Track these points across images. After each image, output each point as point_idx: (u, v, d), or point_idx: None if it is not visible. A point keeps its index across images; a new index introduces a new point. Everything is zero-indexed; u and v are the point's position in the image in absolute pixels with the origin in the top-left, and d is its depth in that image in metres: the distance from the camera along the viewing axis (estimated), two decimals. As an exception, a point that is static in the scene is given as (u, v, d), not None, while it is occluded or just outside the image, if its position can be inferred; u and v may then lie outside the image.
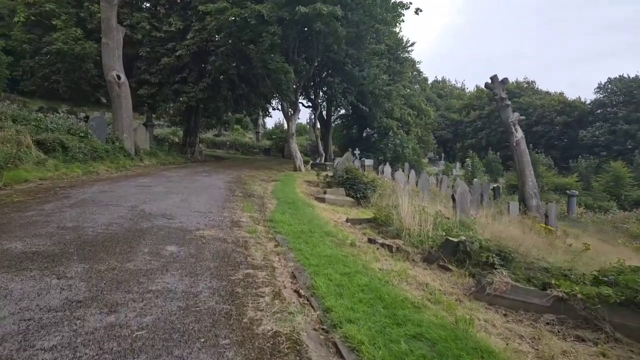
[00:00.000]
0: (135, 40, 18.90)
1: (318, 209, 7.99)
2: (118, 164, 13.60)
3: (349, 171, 10.20)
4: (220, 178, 12.36)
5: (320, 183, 14.85)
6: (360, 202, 9.72)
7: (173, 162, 18.18)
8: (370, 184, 10.00)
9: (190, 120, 22.53)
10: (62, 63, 18.69)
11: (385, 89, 27.62)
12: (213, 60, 18.26)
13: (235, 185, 10.92)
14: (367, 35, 24.22)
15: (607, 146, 48.85)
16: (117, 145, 14.55)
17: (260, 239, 5.02)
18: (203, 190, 8.95)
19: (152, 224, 5.09)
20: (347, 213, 8.23)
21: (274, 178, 15.29)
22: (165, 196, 7.49)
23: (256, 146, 37.43)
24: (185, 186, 9.29)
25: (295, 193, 10.46)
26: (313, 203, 8.81)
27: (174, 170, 13.87)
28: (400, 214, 5.37)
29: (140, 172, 12.36)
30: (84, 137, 13.12)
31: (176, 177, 11.45)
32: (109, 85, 15.37)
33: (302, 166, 20.35)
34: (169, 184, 9.48)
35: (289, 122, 20.51)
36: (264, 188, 11.56)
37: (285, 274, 3.73)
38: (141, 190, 8.00)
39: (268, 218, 6.39)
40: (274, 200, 8.70)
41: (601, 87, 55.97)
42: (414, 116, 34.81)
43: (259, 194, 9.86)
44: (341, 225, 6.64)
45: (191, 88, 19.20)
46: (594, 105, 55.22)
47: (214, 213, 6.33)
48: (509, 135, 17.61)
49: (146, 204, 6.48)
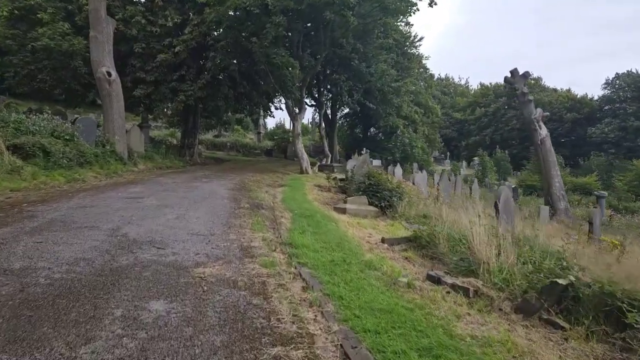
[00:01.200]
0: (129, 36, 17.57)
1: (341, 224, 6.66)
2: (108, 169, 12.28)
3: (372, 176, 8.87)
4: (222, 184, 11.03)
5: (332, 188, 13.53)
6: (385, 211, 8.40)
7: (170, 166, 16.84)
8: (396, 191, 8.67)
9: (188, 121, 21.19)
10: (48, 60, 17.35)
11: (393, 85, 26.31)
12: (213, 56, 16.92)
13: (239, 193, 9.59)
14: (374, 29, 22.95)
15: (617, 143, 47.57)
16: (107, 149, 13.23)
17: (281, 276, 3.69)
18: (203, 201, 7.62)
19: (134, 259, 3.75)
20: (376, 227, 6.91)
21: (280, 182, 13.97)
22: (158, 211, 6.15)
23: (258, 147, 36.10)
24: (183, 196, 7.96)
25: (308, 202, 9.13)
26: (333, 215, 7.47)
27: (170, 176, 12.54)
28: (471, 240, 4.03)
29: (133, 179, 11.03)
30: (70, 140, 11.80)
31: (172, 184, 10.11)
32: (98, 82, 14.04)
33: (309, 168, 19.02)
34: (163, 193, 8.14)
35: (294, 121, 19.18)
36: (272, 195, 10.23)
37: (333, 353, 2.39)
38: (129, 203, 6.67)
39: (286, 240, 5.06)
40: (287, 212, 7.37)
41: (609, 83, 54.72)
42: (421, 114, 33.51)
43: (268, 203, 8.53)
44: (377, 248, 5.31)
45: (189, 86, 17.87)
46: (602, 101, 53.96)
47: (218, 235, 5.00)
48: (532, 133, 16.31)
49: (132, 224, 5.15)
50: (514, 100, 55.97)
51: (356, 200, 8.25)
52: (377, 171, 9.43)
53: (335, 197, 11.65)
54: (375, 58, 24.53)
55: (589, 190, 23.73)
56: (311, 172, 18.98)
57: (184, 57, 17.65)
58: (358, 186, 8.96)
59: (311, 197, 10.40)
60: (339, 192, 13.10)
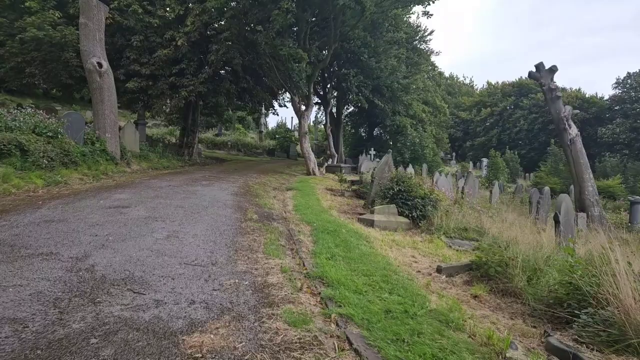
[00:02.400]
0: (125, 27, 16.27)
1: (375, 243, 5.34)
2: (97, 170, 10.99)
3: (401, 181, 7.54)
4: (224, 188, 9.71)
5: (345, 192, 12.23)
6: (418, 223, 7.09)
7: (167, 167, 15.53)
8: (429, 198, 7.36)
9: (187, 118, 19.86)
10: (37, 52, 16.04)
11: (403, 82, 24.98)
12: (216, 48, 15.56)
13: (244, 199, 8.27)
14: (384, 22, 21.65)
15: (629, 144, 46.17)
16: (97, 148, 11.92)
17: (320, 345, 2.38)
18: (203, 211, 6.30)
19: (94, 318, 2.44)
20: (416, 246, 5.59)
21: (288, 185, 12.67)
22: (144, 227, 4.84)
23: (259, 146, 34.77)
24: (178, 204, 6.64)
25: (325, 210, 7.81)
26: (360, 229, 6.15)
27: (166, 178, 11.23)
28: (610, 285, 2.67)
29: (123, 182, 9.71)
30: (53, 137, 10.50)
31: (167, 188, 8.80)
32: (87, 74, 12.71)
33: (317, 169, 17.71)
34: (155, 201, 6.82)
35: (300, 119, 17.85)
36: (282, 202, 8.92)
37: None
38: (110, 215, 5.36)
39: (313, 271, 3.74)
40: (303, 225, 6.06)
41: (619, 82, 53.28)
42: (429, 113, 32.17)
43: (279, 212, 7.22)
44: (435, 281, 3.99)
45: (189, 81, 16.54)
46: (613, 101, 52.53)
47: (221, 265, 3.69)
48: (561, 133, 15.00)
49: (106, 248, 3.84)
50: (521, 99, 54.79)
51: (384, 210, 6.94)
52: (407, 175, 8.10)
53: (352, 203, 10.35)
54: (385, 53, 23.21)
55: (612, 194, 22.38)
56: (318, 174, 17.69)
57: (185, 50, 16.33)
58: (384, 193, 7.64)
59: (326, 204, 9.09)
60: (354, 197, 11.80)
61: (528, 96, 53.59)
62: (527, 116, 51.26)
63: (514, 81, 59.52)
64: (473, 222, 7.57)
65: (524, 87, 56.75)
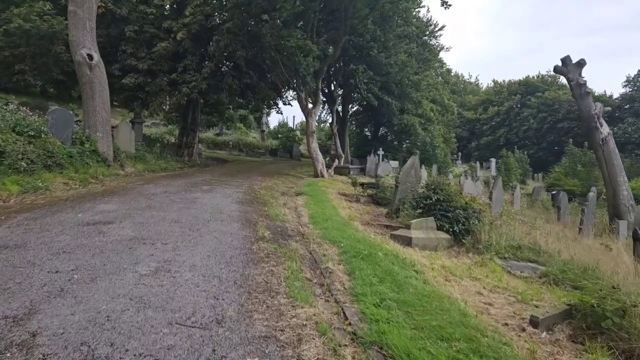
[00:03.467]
0: (119, 16, 15.11)
1: (426, 272, 4.17)
2: (86, 173, 9.83)
3: (439, 188, 6.36)
4: (227, 194, 8.55)
5: (361, 197, 11.06)
6: (461, 238, 5.92)
7: (165, 168, 14.37)
8: (472, 209, 6.19)
9: (187, 117, 18.68)
10: (26, 46, 14.88)
11: (413, 78, 23.80)
12: (217, 39, 14.38)
13: (251, 208, 7.11)
14: (395, 15, 20.48)
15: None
16: (86, 148, 10.79)
17: None
18: (203, 227, 5.15)
19: None
20: (473, 275, 4.43)
21: (297, 189, 11.50)
22: (126, 255, 3.68)
23: (262, 146, 33.59)
24: (174, 218, 5.48)
25: (347, 223, 6.64)
26: (398, 251, 4.98)
27: (163, 182, 10.06)
28: None
29: (113, 187, 8.56)
30: (36, 137, 9.37)
31: (163, 195, 7.64)
32: (77, 67, 11.56)
33: (325, 171, 16.55)
34: (146, 213, 5.67)
35: (307, 117, 16.68)
36: (295, 210, 7.76)
37: None
38: (85, 236, 4.20)
39: (364, 334, 2.56)
40: (328, 245, 4.89)
41: (630, 81, 51.98)
42: (437, 112, 30.97)
43: (295, 226, 6.05)
44: (535, 340, 2.83)
45: (192, 76, 15.36)
46: (623, 100, 51.25)
47: (231, 325, 2.51)
48: (592, 132, 13.83)
49: (64, 296, 2.67)
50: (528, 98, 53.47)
51: (422, 225, 5.77)
52: (446, 181, 6.90)
53: (371, 211, 9.18)
54: (395, 48, 22.03)
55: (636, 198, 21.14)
56: (327, 176, 16.52)
57: (187, 45, 15.15)
58: (416, 202, 6.47)
59: (344, 213, 7.92)
60: (371, 203, 10.63)
61: (535, 94, 52.38)
62: (535, 115, 50.03)
63: (520, 79, 58.33)
64: (518, 236, 6.41)
65: (530, 86, 55.55)
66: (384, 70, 22.42)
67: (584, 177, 22.48)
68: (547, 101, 50.09)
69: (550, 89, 52.32)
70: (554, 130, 50.24)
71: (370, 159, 23.49)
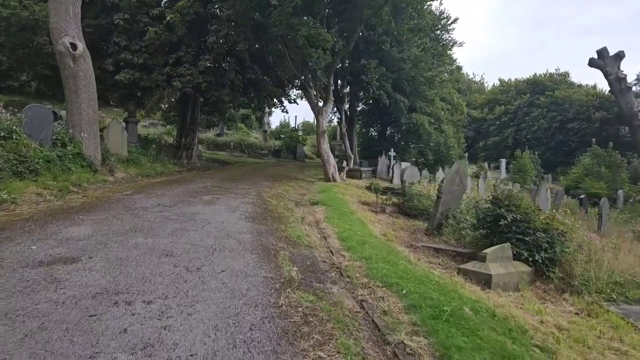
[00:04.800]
0: (110, 4, 13.66)
1: (552, 346, 2.73)
2: (67, 180, 8.40)
3: (513, 205, 4.88)
4: (234, 207, 7.09)
5: (386, 206, 9.62)
6: (545, 271, 4.48)
7: (161, 173, 12.93)
8: (555, 231, 4.74)
9: (186, 116, 17.22)
10: (5, 36, 13.41)
11: (426, 75, 22.37)
12: (216, 29, 12.91)
13: (265, 227, 5.67)
14: (408, 7, 19.04)
15: (655, 144, 43.56)
16: (69, 151, 9.36)
17: None
18: (206, 263, 3.69)
19: None
20: (601, 342, 2.98)
21: (311, 197, 10.06)
22: (81, 335, 2.23)
23: (264, 147, 32.10)
24: (165, 249, 4.03)
25: (392, 250, 5.18)
26: (486, 301, 3.53)
27: (156, 190, 8.60)
28: None
29: (95, 198, 7.10)
30: (7, 138, 7.99)
31: (154, 210, 6.18)
32: (59, 58, 10.10)
33: (337, 174, 15.11)
34: (128, 241, 4.21)
35: (318, 116, 15.22)
36: (317, 227, 6.31)
37: None
38: (27, 292, 2.75)
39: None
40: (382, 289, 3.45)
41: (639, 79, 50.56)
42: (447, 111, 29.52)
43: (326, 255, 4.61)
44: None
45: (187, 70, 13.92)
46: (635, 99, 49.86)
47: None
48: (635, 130, 12.45)
49: None
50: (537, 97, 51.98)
51: (498, 254, 4.31)
52: (518, 195, 5.42)
53: (404, 225, 7.72)
54: (408, 42, 20.62)
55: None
56: (339, 179, 15.09)
57: (181, 34, 13.71)
58: (480, 221, 5.04)
59: (377, 231, 6.48)
60: (399, 214, 9.19)
61: (545, 93, 50.98)
62: (545, 114, 48.63)
63: (527, 78, 56.98)
64: (604, 262, 4.96)
65: (538, 84, 54.18)
66: (396, 66, 21.00)
67: (610, 179, 21.05)
68: (557, 100, 48.70)
69: (560, 88, 50.91)
70: (563, 130, 48.88)
71: (381, 160, 22.06)
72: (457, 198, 6.85)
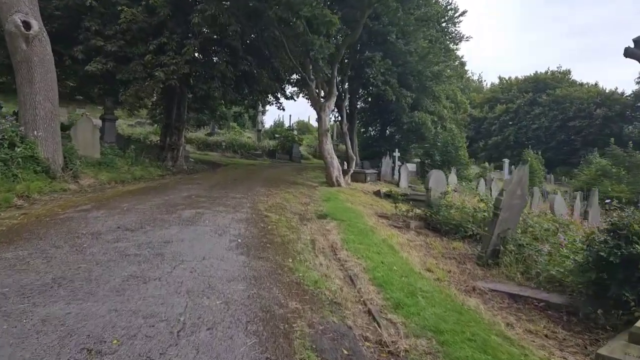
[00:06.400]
0: (78, -20, 11.76)
1: None
2: (10, 191, 6.63)
3: (638, 234, 3.24)
4: (221, 228, 5.33)
5: (409, 220, 7.93)
6: None
7: (140, 178, 11.09)
8: None
9: (171, 113, 15.34)
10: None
11: (434, 69, 20.79)
12: (203, 8, 11.11)
13: (265, 265, 3.94)
14: (415, -5, 17.43)
15: (657, 144, 42.55)
16: (19, 153, 7.56)
17: None
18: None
19: None
20: None
21: (316, 208, 8.34)
22: None
23: (258, 147, 30.26)
24: (93, 332, 2.30)
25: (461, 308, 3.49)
26: None
27: (124, 203, 6.79)
28: None
29: (34, 220, 5.28)
30: None
31: (109, 238, 4.40)
32: (8, 40, 8.28)
33: (341, 178, 13.41)
34: (37, 310, 2.47)
35: (320, 111, 13.48)
36: (337, 260, 4.59)
37: None
38: None
39: None
40: None
41: (643, 77, 49.67)
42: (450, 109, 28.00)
43: (365, 327, 2.89)
44: None
45: (171, 59, 12.09)
46: (636, 97, 48.90)
47: None
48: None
49: None
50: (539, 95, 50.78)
51: None
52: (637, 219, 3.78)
53: (444, 250, 6.03)
54: (415, 34, 18.99)
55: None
56: (344, 184, 13.40)
57: (164, 15, 11.86)
58: (593, 262, 3.36)
59: (417, 261, 4.79)
60: (427, 229, 7.51)
61: (547, 91, 49.89)
62: (547, 113, 47.51)
63: (528, 76, 55.90)
64: None
65: (540, 82, 53.11)
66: (402, 59, 19.37)
67: (630, 181, 19.67)
68: (559, 99, 47.64)
69: (561, 86, 49.83)
70: (564, 129, 47.88)
71: (385, 161, 20.42)
72: (517, 215, 5.21)
